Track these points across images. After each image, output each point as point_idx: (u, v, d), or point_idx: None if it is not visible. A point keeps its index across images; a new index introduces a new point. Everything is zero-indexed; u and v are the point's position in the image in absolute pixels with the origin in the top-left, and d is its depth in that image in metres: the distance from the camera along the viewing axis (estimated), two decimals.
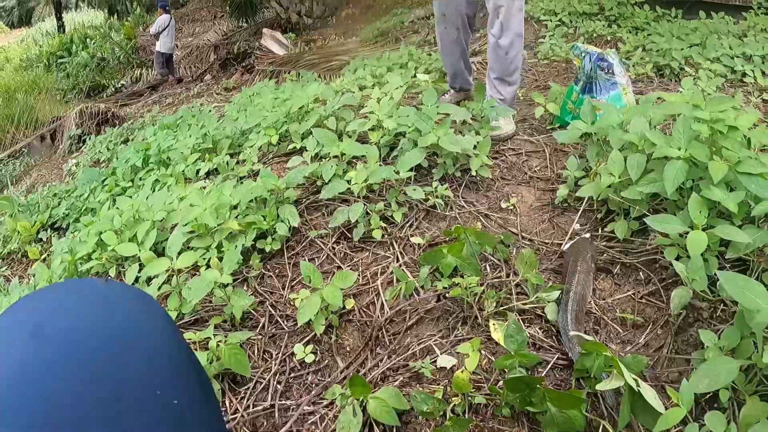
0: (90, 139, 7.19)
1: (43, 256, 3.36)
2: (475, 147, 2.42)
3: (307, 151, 2.60)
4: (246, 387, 1.67)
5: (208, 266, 1.96)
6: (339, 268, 2.02)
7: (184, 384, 0.59)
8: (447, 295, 1.75)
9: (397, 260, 2.00)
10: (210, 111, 5.27)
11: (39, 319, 0.54)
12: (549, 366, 1.54)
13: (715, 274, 1.51)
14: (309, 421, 1.52)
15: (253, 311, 1.92)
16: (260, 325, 1.87)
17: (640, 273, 1.82)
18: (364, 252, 2.09)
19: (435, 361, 1.58)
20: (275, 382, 1.67)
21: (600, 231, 2.04)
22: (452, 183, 2.40)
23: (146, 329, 0.59)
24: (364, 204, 2.19)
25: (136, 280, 2.06)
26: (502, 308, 1.70)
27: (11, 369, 0.50)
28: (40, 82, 13.73)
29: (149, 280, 2.06)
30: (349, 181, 2.22)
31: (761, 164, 1.69)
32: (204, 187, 2.65)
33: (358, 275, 1.96)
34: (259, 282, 2.04)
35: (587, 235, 2.00)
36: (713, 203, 1.68)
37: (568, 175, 2.26)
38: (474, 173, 2.37)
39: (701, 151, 1.78)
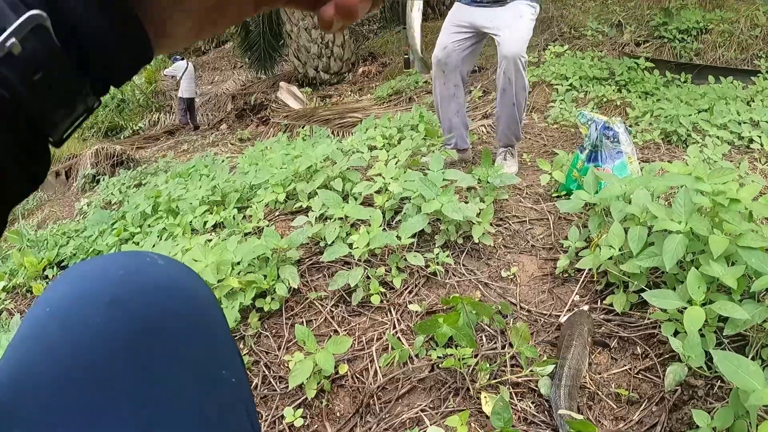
0: (104, 180, 7.31)
1: None
2: (478, 214, 2.44)
3: (312, 211, 2.63)
4: None
5: None
6: (336, 331, 2.03)
7: (237, 362, 0.63)
8: (441, 365, 1.75)
9: (394, 327, 2.01)
10: (223, 161, 5.35)
11: (114, 290, 0.56)
12: None
13: (708, 352, 1.51)
14: None
15: (247, 370, 1.92)
16: (253, 384, 1.87)
17: (638, 347, 1.81)
18: (362, 317, 2.10)
19: None
20: None
21: (599, 303, 2.03)
22: (454, 250, 2.41)
23: (207, 306, 0.63)
24: (365, 268, 2.20)
25: None
26: (495, 381, 1.70)
27: (93, 335, 0.52)
28: None
29: None
30: (351, 245, 2.24)
31: (762, 238, 1.69)
32: (209, 240, 2.68)
33: (354, 340, 1.96)
34: (255, 341, 2.05)
35: (585, 308, 2.00)
36: (713, 278, 1.68)
37: (570, 246, 2.26)
38: (476, 241, 2.39)
39: (702, 224, 1.78)
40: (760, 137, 3.98)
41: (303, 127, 7.05)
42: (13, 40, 0.31)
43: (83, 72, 0.36)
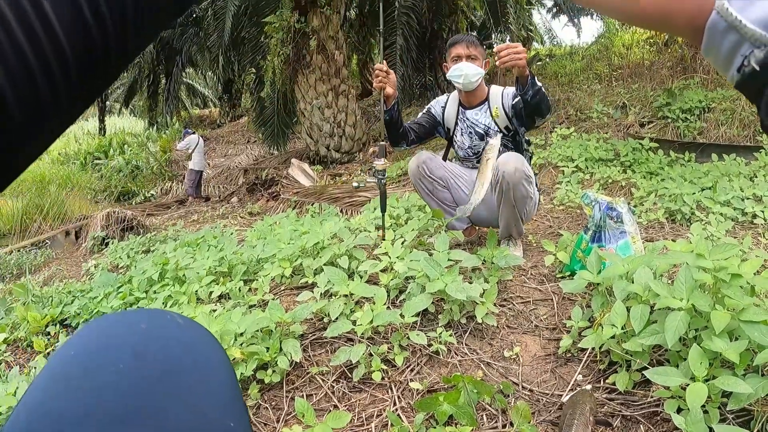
0: (113, 243, 7.37)
1: (47, 350, 3.39)
2: (482, 294, 2.46)
3: (317, 287, 2.66)
4: None
5: None
6: (336, 406, 2.02)
7: (245, 419, 0.67)
8: None
9: (395, 404, 2.00)
10: (231, 234, 5.40)
11: (138, 341, 0.62)
12: None
13: (712, 428, 1.50)
14: None
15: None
16: None
17: (641, 426, 1.79)
18: (363, 393, 2.09)
19: None
20: None
21: (602, 382, 2.02)
22: (457, 329, 2.42)
23: (219, 365, 0.68)
24: (368, 345, 2.21)
25: None
26: None
27: (116, 380, 0.57)
28: (74, 178, 14.31)
29: None
30: (354, 322, 2.26)
31: (764, 311, 1.69)
32: (214, 310, 2.70)
33: (354, 416, 1.95)
34: (254, 412, 2.04)
35: (588, 387, 1.99)
36: (716, 353, 1.67)
37: (573, 326, 2.27)
38: (479, 320, 2.40)
39: (703, 300, 1.79)
40: (763, 212, 4.03)
41: (312, 205, 7.14)
42: None
43: None
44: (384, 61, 3.17)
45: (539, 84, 2.94)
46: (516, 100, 3.19)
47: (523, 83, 2.93)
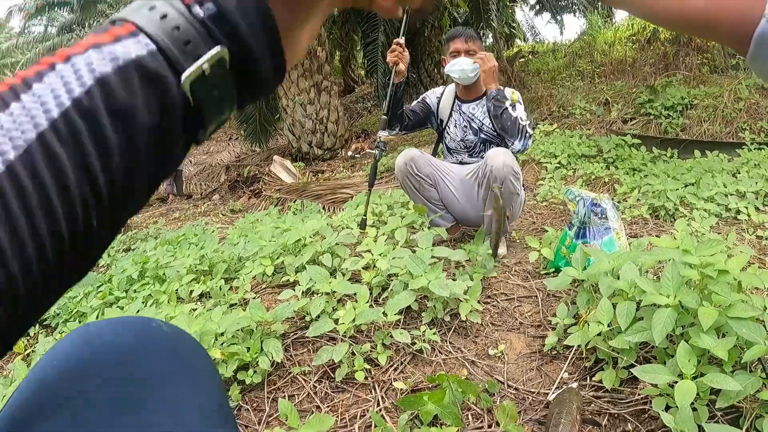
0: None
1: (27, 351, 3.32)
2: (466, 292, 2.43)
3: (299, 285, 2.62)
4: None
5: None
6: (318, 407, 1.98)
7: (231, 422, 0.67)
8: None
9: (378, 404, 1.97)
10: (213, 231, 5.35)
11: (124, 352, 0.62)
12: None
13: (701, 426, 1.48)
14: None
15: None
16: None
17: (629, 424, 1.76)
18: (346, 393, 2.05)
19: None
20: None
21: (588, 380, 1.99)
22: (441, 327, 2.40)
23: (206, 369, 0.69)
24: (350, 344, 2.17)
25: None
26: None
27: (105, 394, 0.57)
28: None
29: None
30: (336, 321, 2.22)
31: (752, 308, 1.67)
32: (194, 309, 2.66)
33: (337, 417, 1.91)
34: (235, 414, 2.00)
35: (574, 385, 1.97)
36: (704, 350, 1.65)
37: (558, 323, 2.25)
38: (463, 318, 2.37)
39: (691, 297, 1.77)
40: (746, 208, 4.04)
41: (294, 201, 7.10)
42: (206, 65, 0.42)
43: (238, 90, 0.46)
44: (403, 37, 3.15)
45: (510, 111, 3.14)
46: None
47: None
